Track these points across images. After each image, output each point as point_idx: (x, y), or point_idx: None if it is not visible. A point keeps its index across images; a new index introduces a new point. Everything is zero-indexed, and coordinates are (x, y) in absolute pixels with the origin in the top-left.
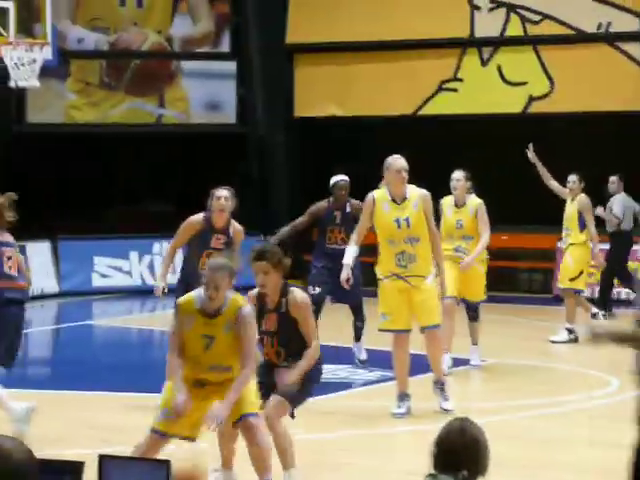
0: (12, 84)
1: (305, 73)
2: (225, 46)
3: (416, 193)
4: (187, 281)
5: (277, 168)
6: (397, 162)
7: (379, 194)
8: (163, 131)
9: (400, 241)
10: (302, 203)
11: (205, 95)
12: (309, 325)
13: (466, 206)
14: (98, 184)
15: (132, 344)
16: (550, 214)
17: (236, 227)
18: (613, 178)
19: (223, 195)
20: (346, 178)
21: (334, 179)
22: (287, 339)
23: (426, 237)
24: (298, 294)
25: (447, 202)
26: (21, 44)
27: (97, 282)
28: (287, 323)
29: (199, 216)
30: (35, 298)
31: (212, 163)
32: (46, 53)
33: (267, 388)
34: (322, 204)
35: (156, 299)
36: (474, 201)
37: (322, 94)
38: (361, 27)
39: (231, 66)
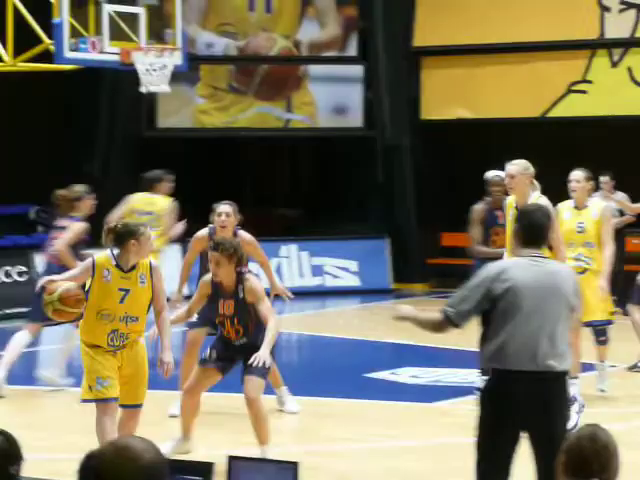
0: (143, 89)
1: (432, 76)
2: (352, 50)
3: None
4: None
5: (403, 171)
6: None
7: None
8: (291, 135)
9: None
10: (427, 206)
11: (332, 99)
12: (265, 306)
13: (588, 209)
14: (226, 188)
15: None
16: None
17: (244, 238)
18: None
19: (224, 211)
20: (501, 174)
21: (488, 175)
22: (245, 320)
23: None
24: (252, 281)
25: (565, 206)
26: (152, 50)
27: None
28: (243, 306)
29: (204, 231)
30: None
31: (339, 167)
32: (176, 58)
33: (225, 360)
34: (479, 207)
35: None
36: (598, 204)
37: (449, 97)
38: (488, 29)
39: (358, 70)
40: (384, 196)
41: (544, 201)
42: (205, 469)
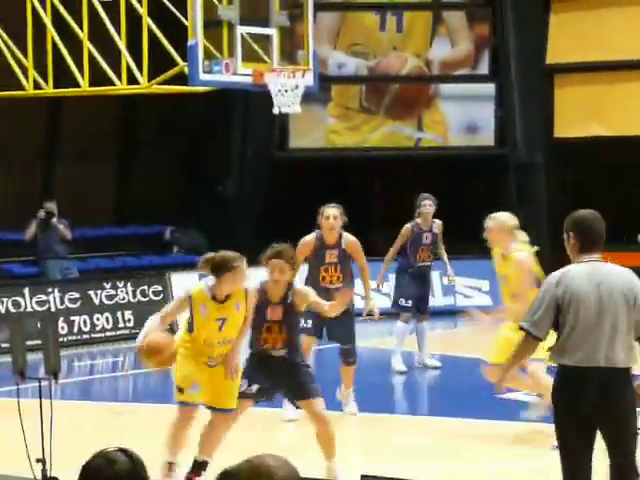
0: (275, 110)
1: (565, 93)
2: (484, 68)
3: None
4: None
5: (536, 189)
6: None
7: None
8: (422, 154)
9: None
10: (561, 223)
11: (463, 117)
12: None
13: None
14: (357, 208)
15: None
16: None
17: (349, 240)
18: None
19: (332, 214)
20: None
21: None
22: (292, 327)
23: None
24: (301, 287)
25: None
26: (284, 71)
27: None
28: (292, 313)
29: (312, 235)
30: None
31: (471, 185)
32: (308, 79)
33: (265, 393)
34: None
35: None
36: None
37: (583, 114)
38: (622, 45)
39: (490, 88)
40: (516, 215)
41: (522, 255)
42: None
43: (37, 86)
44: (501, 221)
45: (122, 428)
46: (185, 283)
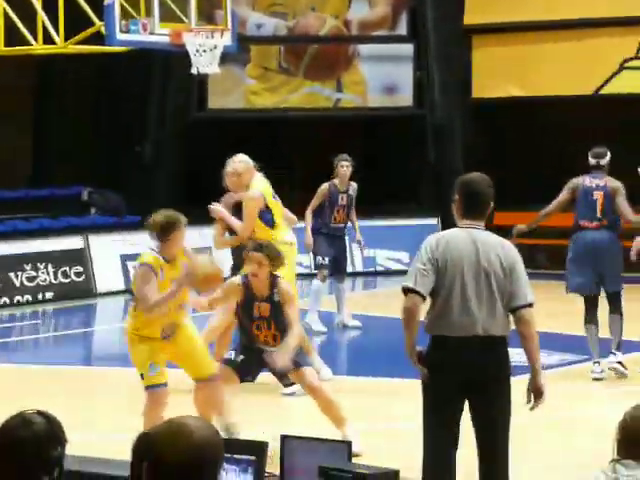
0: (194, 71)
1: (483, 54)
2: (402, 29)
3: None
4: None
5: (454, 150)
6: None
7: None
8: (340, 115)
9: None
10: None
11: (382, 78)
12: (293, 311)
13: None
14: (276, 168)
15: None
16: None
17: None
18: None
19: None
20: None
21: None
22: (281, 324)
23: None
24: (284, 285)
25: None
26: (202, 31)
27: None
28: (279, 310)
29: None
30: None
31: (389, 146)
32: (226, 39)
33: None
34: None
35: None
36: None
37: (500, 75)
38: (539, 7)
39: (408, 49)
40: (434, 176)
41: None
42: (259, 448)
43: None
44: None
45: (49, 392)
46: (102, 244)
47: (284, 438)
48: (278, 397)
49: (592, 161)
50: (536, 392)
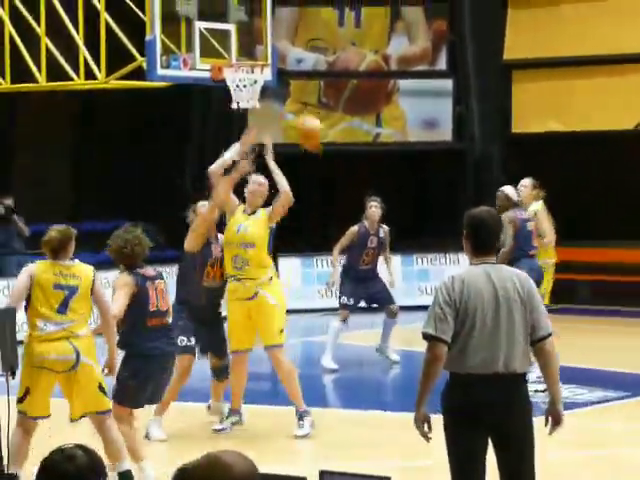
0: (234, 106)
1: (522, 89)
2: (442, 64)
3: None
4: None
5: (495, 185)
6: None
7: None
8: (380, 149)
9: None
10: None
11: (422, 113)
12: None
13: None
14: (316, 203)
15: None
16: None
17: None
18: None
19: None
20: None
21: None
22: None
23: None
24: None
25: None
26: (242, 66)
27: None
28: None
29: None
30: None
31: (430, 180)
32: (266, 74)
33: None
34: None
35: None
36: None
37: (540, 110)
38: (579, 42)
39: (448, 83)
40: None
41: None
42: None
43: None
44: None
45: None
46: None
47: (323, 474)
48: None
49: None
50: (556, 418)
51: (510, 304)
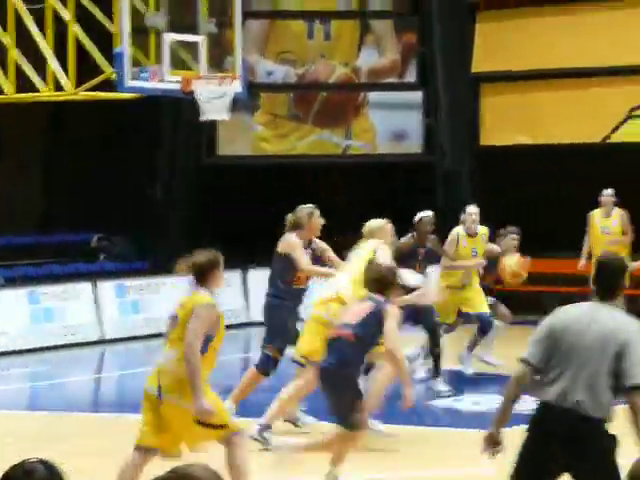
0: (203, 118)
1: (490, 102)
2: (411, 76)
3: None
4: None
5: (464, 197)
6: None
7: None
8: (350, 162)
9: None
10: (488, 229)
11: (391, 125)
12: None
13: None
14: (285, 215)
15: None
16: None
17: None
18: None
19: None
20: (430, 213)
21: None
22: None
23: None
24: None
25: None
26: (212, 78)
27: None
28: None
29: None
30: (232, 326)
31: (399, 192)
32: (236, 87)
33: None
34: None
35: None
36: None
37: (509, 123)
38: (547, 55)
39: (417, 96)
40: (444, 222)
41: None
42: None
43: None
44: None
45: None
46: (111, 290)
47: None
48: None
49: None
50: None
51: (604, 346)
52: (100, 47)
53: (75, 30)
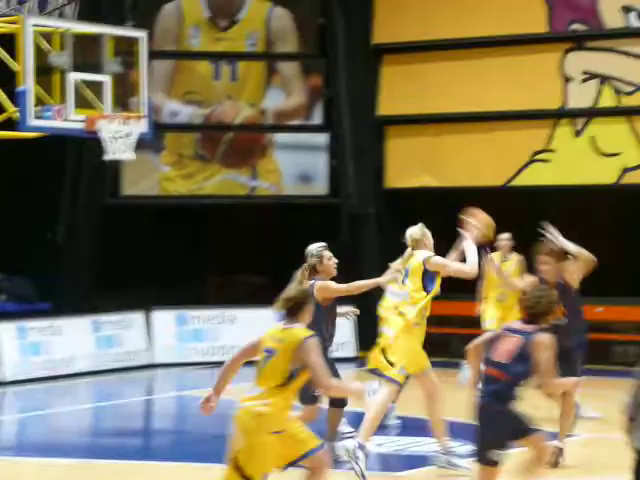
0: (108, 157)
1: (396, 145)
2: (317, 118)
3: None
4: None
5: (368, 239)
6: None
7: None
8: (256, 203)
9: None
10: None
11: (297, 167)
12: None
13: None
14: (192, 254)
15: None
16: None
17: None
18: None
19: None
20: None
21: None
22: None
23: None
24: None
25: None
26: (117, 118)
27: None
28: None
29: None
30: (130, 369)
31: (304, 235)
32: (141, 126)
33: None
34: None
35: None
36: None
37: (413, 165)
38: (452, 99)
39: (323, 138)
40: (350, 263)
41: None
42: None
43: None
44: None
45: None
46: (11, 331)
47: None
48: None
49: None
50: None
51: None
52: (3, 86)
53: None
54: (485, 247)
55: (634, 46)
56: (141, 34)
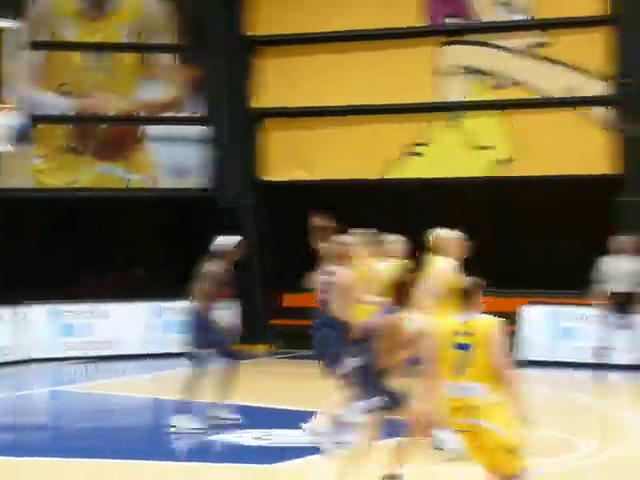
0: None
1: (272, 137)
2: (193, 110)
3: None
4: None
5: (244, 232)
6: None
7: None
8: (131, 196)
9: None
10: (268, 267)
11: (172, 159)
12: None
13: None
14: (66, 249)
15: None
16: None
17: None
18: None
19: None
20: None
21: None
22: None
23: None
24: None
25: None
26: None
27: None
28: None
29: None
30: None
31: (180, 227)
32: (13, 118)
33: None
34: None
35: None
36: None
37: (288, 158)
38: (324, 92)
39: (199, 130)
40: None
41: None
42: None
43: None
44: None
45: None
46: None
47: None
48: None
49: None
50: None
51: None
52: None
53: None
54: None
55: (508, 40)
56: (12, 24)
